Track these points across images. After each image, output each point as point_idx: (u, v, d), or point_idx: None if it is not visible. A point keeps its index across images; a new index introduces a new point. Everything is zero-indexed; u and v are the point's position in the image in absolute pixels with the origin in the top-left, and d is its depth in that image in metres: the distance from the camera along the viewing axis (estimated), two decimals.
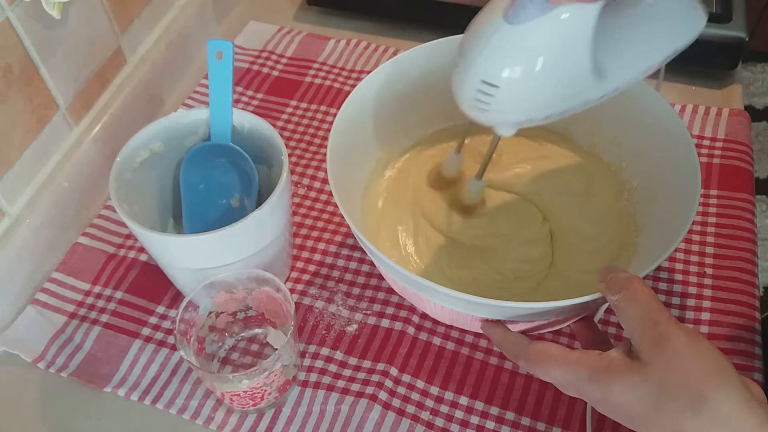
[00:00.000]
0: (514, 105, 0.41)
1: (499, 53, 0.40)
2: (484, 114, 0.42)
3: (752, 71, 1.85)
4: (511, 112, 0.42)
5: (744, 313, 0.55)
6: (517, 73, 0.40)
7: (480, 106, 0.42)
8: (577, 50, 0.39)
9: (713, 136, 0.66)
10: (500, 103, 0.41)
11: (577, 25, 0.38)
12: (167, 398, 0.53)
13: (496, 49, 0.40)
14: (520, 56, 0.39)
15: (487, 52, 0.40)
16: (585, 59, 0.40)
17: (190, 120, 0.56)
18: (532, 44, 0.39)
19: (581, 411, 0.51)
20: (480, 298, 0.41)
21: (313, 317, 0.57)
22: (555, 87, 0.40)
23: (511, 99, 0.41)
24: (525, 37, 0.39)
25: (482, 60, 0.40)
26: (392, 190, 0.58)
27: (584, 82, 0.41)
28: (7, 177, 0.56)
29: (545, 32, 0.38)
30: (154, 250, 0.52)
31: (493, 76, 0.40)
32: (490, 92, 0.41)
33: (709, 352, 0.35)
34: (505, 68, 0.40)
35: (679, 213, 0.46)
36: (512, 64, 0.40)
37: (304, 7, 0.83)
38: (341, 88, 0.74)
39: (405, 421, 0.51)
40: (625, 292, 0.38)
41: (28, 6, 0.53)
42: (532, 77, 0.40)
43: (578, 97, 0.42)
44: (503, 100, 0.41)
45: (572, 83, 0.41)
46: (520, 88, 0.40)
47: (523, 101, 0.41)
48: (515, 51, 0.39)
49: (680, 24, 0.42)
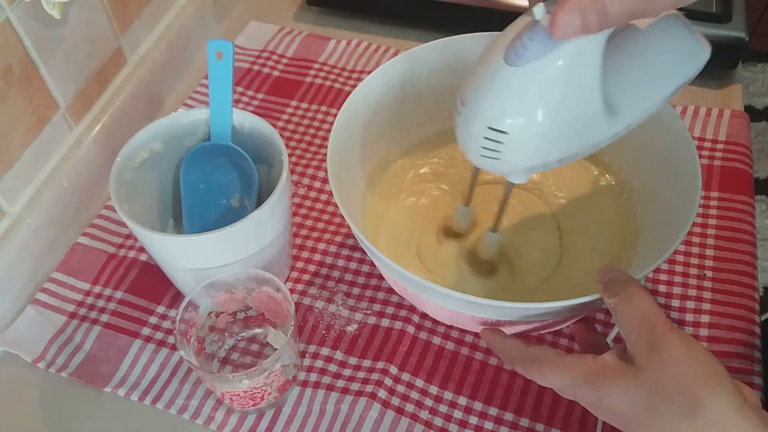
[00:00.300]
0: (525, 150, 0.39)
1: (503, 98, 0.38)
2: (494, 163, 0.40)
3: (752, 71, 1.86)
4: (523, 158, 0.40)
5: (743, 316, 0.55)
6: (526, 117, 0.38)
7: (489, 155, 0.40)
8: (586, 87, 0.37)
9: (714, 138, 0.66)
10: (510, 149, 0.39)
11: (584, 60, 0.36)
12: (167, 398, 0.53)
13: (500, 93, 0.38)
14: (526, 99, 0.37)
15: (491, 97, 0.38)
16: (595, 95, 0.38)
17: (190, 120, 0.56)
18: (538, 86, 0.37)
19: (580, 412, 0.51)
20: (480, 299, 0.41)
21: (313, 317, 0.57)
22: (568, 128, 0.38)
23: (521, 144, 0.39)
24: (530, 79, 0.37)
25: (487, 106, 0.38)
26: (392, 191, 0.58)
27: (596, 121, 0.39)
28: (7, 177, 0.56)
29: (551, 71, 0.36)
30: (154, 250, 0.52)
31: (500, 122, 0.38)
32: (499, 139, 0.39)
33: (703, 357, 0.35)
34: (513, 113, 0.38)
35: (680, 214, 0.46)
36: (519, 107, 0.38)
37: (305, 7, 0.83)
38: (342, 88, 0.74)
39: (404, 420, 0.51)
40: (623, 295, 0.38)
41: (28, 6, 0.53)
42: (542, 120, 0.38)
43: (591, 137, 0.40)
44: (513, 146, 0.39)
45: (584, 122, 0.39)
46: (530, 133, 0.38)
47: (535, 146, 0.39)
48: (521, 94, 0.37)
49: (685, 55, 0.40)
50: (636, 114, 0.40)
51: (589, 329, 0.47)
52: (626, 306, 0.38)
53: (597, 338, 0.46)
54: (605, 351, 0.39)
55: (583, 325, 0.47)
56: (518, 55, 0.36)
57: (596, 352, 0.39)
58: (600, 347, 0.45)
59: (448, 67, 0.56)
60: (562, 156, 0.40)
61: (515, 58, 0.36)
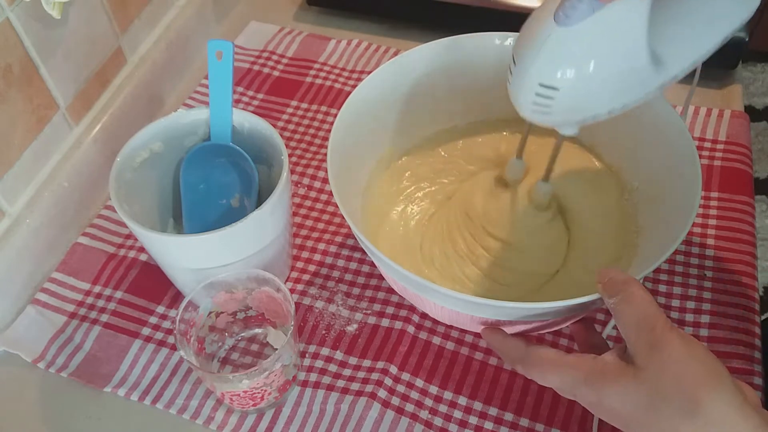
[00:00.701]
0: (575, 105, 0.41)
1: (554, 56, 0.39)
2: (546, 117, 0.42)
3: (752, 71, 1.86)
4: (573, 111, 0.42)
5: (743, 317, 0.55)
6: (575, 74, 0.39)
7: (541, 109, 0.42)
8: (633, 43, 0.39)
9: (714, 138, 0.66)
10: (561, 104, 0.41)
11: (630, 17, 0.38)
12: (167, 398, 0.53)
13: (550, 52, 0.39)
14: (576, 57, 0.39)
15: (542, 56, 0.40)
16: (642, 51, 0.39)
17: (190, 120, 0.56)
18: (586, 44, 0.39)
19: (580, 412, 0.51)
20: (480, 299, 0.41)
21: (313, 317, 0.57)
22: (614, 82, 0.40)
23: (571, 99, 0.41)
24: (579, 38, 0.38)
25: (539, 64, 0.40)
26: (392, 190, 0.58)
27: (643, 73, 0.40)
28: (7, 177, 0.56)
29: (599, 30, 0.38)
30: (154, 250, 0.52)
31: (551, 78, 0.40)
32: (550, 95, 0.40)
33: (704, 356, 0.35)
34: (563, 70, 0.40)
35: (680, 214, 0.46)
36: (569, 65, 0.39)
37: (305, 7, 0.83)
38: (342, 88, 0.74)
39: (404, 419, 0.51)
40: (623, 295, 0.38)
41: (28, 6, 0.53)
42: (590, 76, 0.39)
43: (638, 89, 0.41)
44: (564, 101, 0.41)
45: (631, 75, 0.40)
46: (579, 88, 0.40)
47: (584, 100, 0.41)
48: (571, 52, 0.39)
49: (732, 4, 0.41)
50: (684, 64, 0.42)
51: (589, 329, 0.47)
52: (626, 306, 0.38)
53: (597, 338, 0.46)
54: (605, 351, 0.39)
55: (582, 325, 0.47)
56: (567, 15, 0.38)
57: (596, 352, 0.40)
58: (600, 347, 0.45)
59: (448, 67, 0.56)
60: (610, 108, 0.42)
61: (565, 18, 0.38)
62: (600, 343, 0.46)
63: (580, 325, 0.47)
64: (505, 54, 0.55)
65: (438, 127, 0.60)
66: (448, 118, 0.60)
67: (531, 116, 0.43)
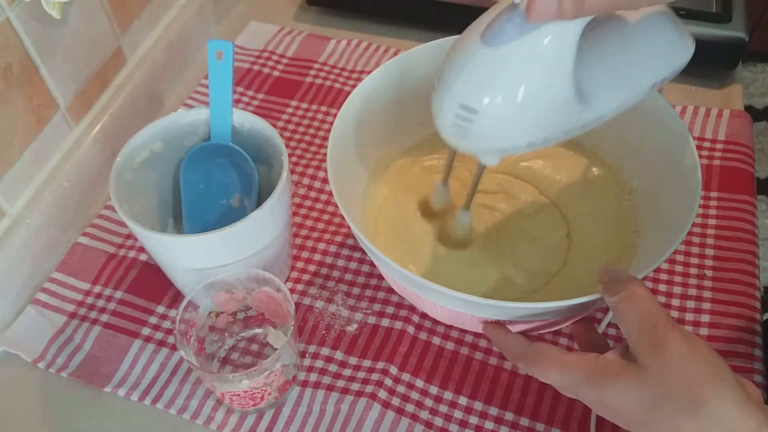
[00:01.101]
0: (494, 131, 0.39)
1: (476, 76, 0.38)
2: (464, 141, 0.41)
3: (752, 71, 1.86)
4: (492, 138, 0.40)
5: (744, 315, 0.55)
6: (497, 97, 0.38)
7: (460, 132, 0.40)
8: (559, 73, 0.38)
9: (713, 137, 0.66)
10: (480, 129, 0.39)
11: (557, 46, 0.36)
12: (167, 398, 0.53)
13: (473, 71, 0.38)
14: (498, 79, 0.38)
15: (464, 75, 0.38)
16: (567, 83, 0.38)
17: (190, 120, 0.56)
18: (511, 67, 0.37)
19: (580, 412, 0.51)
20: (479, 298, 0.41)
21: (313, 317, 0.57)
22: (537, 112, 0.39)
23: (491, 124, 0.39)
24: (503, 60, 0.37)
25: (460, 83, 0.38)
26: (392, 190, 0.58)
27: (568, 108, 0.39)
28: (7, 177, 0.56)
29: (524, 54, 0.36)
30: (154, 250, 0.52)
31: (471, 99, 0.38)
32: (470, 117, 0.39)
33: (706, 354, 0.35)
34: (484, 91, 0.38)
35: (679, 214, 0.46)
36: (491, 87, 0.38)
37: (305, 7, 0.83)
38: (342, 88, 0.74)
39: (404, 420, 0.51)
40: (623, 294, 0.38)
41: (28, 6, 0.53)
42: (512, 101, 0.38)
43: (562, 124, 0.40)
44: (483, 125, 0.39)
45: (555, 109, 0.39)
46: (499, 113, 0.38)
47: (504, 127, 0.39)
48: (494, 74, 0.38)
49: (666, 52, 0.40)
50: (610, 106, 0.41)
51: (589, 329, 0.47)
52: (627, 305, 0.38)
53: (597, 338, 0.46)
54: (606, 350, 0.39)
55: (582, 324, 0.47)
56: (494, 36, 0.37)
57: (597, 352, 0.39)
58: (600, 346, 0.45)
59: None
60: (531, 140, 0.40)
61: (491, 38, 0.37)
62: (600, 342, 0.46)
63: (580, 324, 0.47)
64: None
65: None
66: None
67: (450, 139, 0.41)
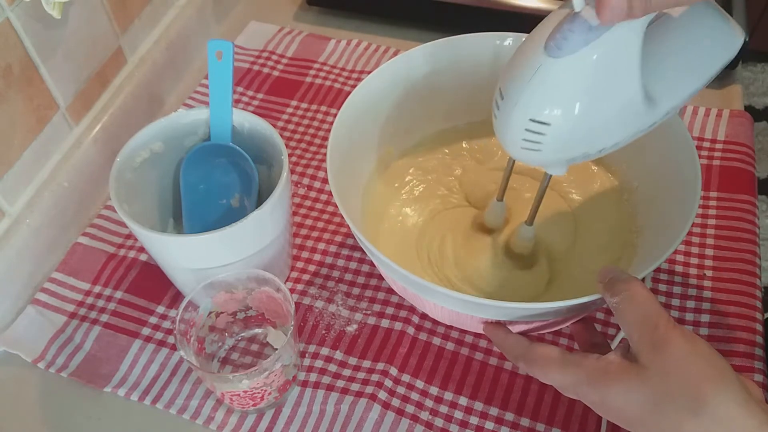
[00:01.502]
0: (567, 142, 0.39)
1: (545, 89, 0.37)
2: (536, 155, 0.40)
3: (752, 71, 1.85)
4: (564, 149, 0.40)
5: (744, 315, 0.55)
6: (567, 108, 0.38)
7: (531, 146, 0.39)
8: (627, 77, 0.37)
9: (713, 137, 0.66)
10: (552, 141, 0.39)
11: (623, 50, 0.36)
12: (167, 398, 0.53)
13: (541, 85, 0.37)
14: (568, 90, 0.37)
15: (532, 89, 0.38)
16: (635, 86, 0.38)
17: (190, 120, 0.56)
18: (579, 76, 0.37)
19: (581, 412, 0.51)
20: (479, 299, 0.41)
21: (313, 317, 0.57)
22: (608, 118, 0.38)
23: (563, 136, 0.39)
24: (571, 70, 0.36)
25: (528, 98, 0.38)
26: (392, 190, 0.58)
27: (636, 111, 0.39)
28: (7, 177, 0.56)
29: (591, 62, 0.36)
30: (154, 250, 0.52)
31: (542, 113, 0.38)
32: (541, 131, 0.38)
33: (707, 354, 0.35)
34: (554, 104, 0.38)
35: (679, 214, 0.46)
36: (561, 98, 0.37)
37: (305, 7, 0.83)
38: (341, 88, 0.74)
39: (404, 420, 0.51)
40: (624, 294, 0.38)
41: (28, 6, 0.53)
42: (583, 111, 0.38)
43: (631, 126, 0.40)
44: (555, 137, 0.38)
45: (625, 112, 0.39)
46: (571, 123, 0.38)
47: (576, 137, 0.39)
48: (562, 85, 0.37)
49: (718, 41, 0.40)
50: (675, 102, 0.40)
51: (589, 329, 0.47)
52: (628, 305, 0.38)
53: (597, 338, 0.46)
54: (606, 350, 0.39)
55: (582, 325, 0.47)
56: (559, 47, 0.36)
57: (597, 352, 0.39)
58: (601, 346, 0.45)
59: (448, 67, 0.56)
60: (602, 146, 0.40)
61: (556, 49, 0.36)
62: (601, 342, 0.46)
63: (580, 324, 0.47)
64: (505, 54, 0.56)
65: (438, 127, 0.60)
66: (448, 118, 0.60)
67: (519, 154, 0.41)
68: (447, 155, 0.60)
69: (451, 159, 0.60)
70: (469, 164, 0.59)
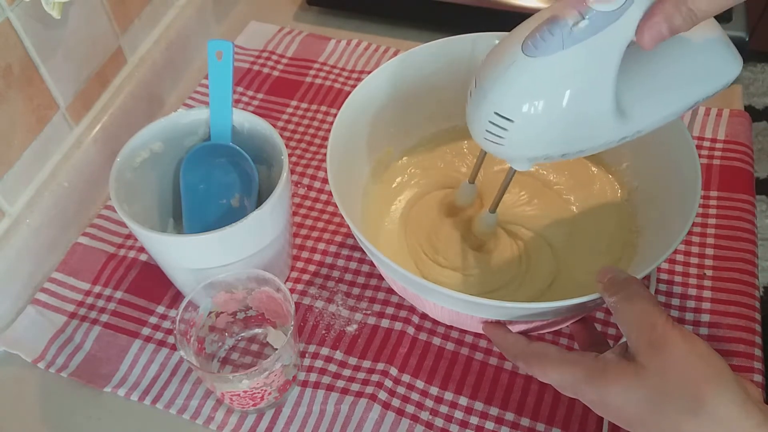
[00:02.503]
0: (528, 140, 0.39)
1: (515, 86, 0.38)
2: (497, 148, 0.40)
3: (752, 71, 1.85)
4: (525, 147, 0.40)
5: (744, 315, 0.55)
6: (533, 108, 0.38)
7: (493, 139, 0.40)
8: (600, 87, 0.37)
9: (713, 137, 0.66)
10: (514, 137, 0.39)
11: (601, 60, 0.36)
12: (167, 398, 0.53)
13: (512, 81, 0.37)
14: (537, 90, 0.37)
15: (501, 83, 0.38)
16: (607, 98, 0.37)
17: (190, 120, 0.56)
18: (551, 79, 0.37)
19: (581, 412, 0.51)
20: (479, 299, 0.41)
21: (313, 317, 0.57)
22: (573, 125, 0.38)
23: (525, 134, 0.39)
24: (543, 71, 0.37)
25: (497, 92, 0.38)
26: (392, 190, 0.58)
27: (605, 122, 0.39)
28: (7, 177, 0.56)
29: (566, 67, 0.36)
30: (154, 250, 0.52)
31: (507, 109, 0.38)
32: (504, 126, 0.39)
33: (706, 354, 0.35)
34: (521, 102, 0.38)
35: (679, 214, 0.46)
36: (528, 98, 0.38)
37: (305, 7, 0.83)
38: (341, 88, 0.74)
39: (404, 420, 0.51)
40: (623, 294, 0.38)
41: (28, 6, 0.53)
42: (548, 113, 0.38)
43: (598, 138, 0.40)
44: (517, 134, 0.39)
45: (592, 122, 0.38)
46: (535, 124, 0.38)
47: (538, 137, 0.39)
48: (532, 84, 0.37)
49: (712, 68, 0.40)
50: (648, 122, 0.40)
51: (589, 329, 0.47)
52: (627, 305, 0.38)
53: (597, 337, 0.46)
54: (605, 350, 0.39)
55: (582, 324, 0.47)
56: (536, 46, 0.36)
57: (597, 351, 0.39)
58: (600, 346, 0.45)
59: (448, 67, 0.56)
60: (565, 151, 0.40)
61: (533, 48, 0.36)
62: (600, 342, 0.46)
63: (580, 324, 0.47)
64: None
65: (438, 127, 0.60)
66: (448, 118, 0.60)
67: (483, 144, 0.41)
68: (447, 155, 0.60)
69: (451, 159, 0.60)
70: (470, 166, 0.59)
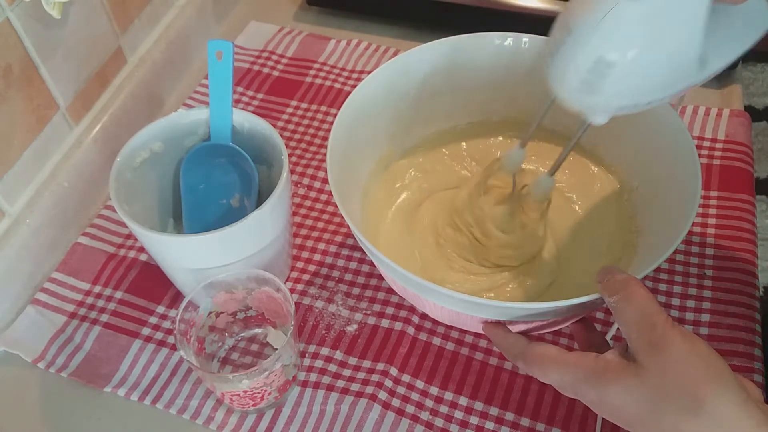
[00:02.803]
0: (624, 86, 0.39)
1: (617, 30, 0.37)
2: (590, 98, 0.40)
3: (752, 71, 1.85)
4: (621, 94, 0.39)
5: (744, 314, 0.55)
6: (635, 52, 0.37)
7: (588, 88, 0.39)
8: (692, 32, 0.38)
9: (713, 137, 0.66)
10: (613, 84, 0.38)
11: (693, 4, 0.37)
12: (167, 398, 0.53)
13: (615, 25, 0.37)
14: (639, 35, 0.37)
15: (604, 27, 0.37)
16: (696, 42, 0.38)
17: (190, 120, 0.56)
18: (652, 23, 0.37)
19: (581, 411, 0.51)
20: (479, 299, 0.41)
21: (313, 317, 0.57)
22: (666, 71, 0.39)
23: (623, 80, 0.38)
24: (646, 15, 0.36)
25: (599, 36, 0.37)
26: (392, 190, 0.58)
27: (689, 68, 0.39)
28: (7, 177, 0.56)
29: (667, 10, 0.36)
30: (154, 250, 0.52)
31: (611, 53, 0.37)
32: (604, 72, 0.38)
33: (706, 354, 0.35)
34: (624, 46, 0.37)
35: (679, 214, 0.46)
36: (631, 41, 0.37)
37: (305, 7, 0.83)
38: (341, 88, 0.74)
39: (404, 421, 0.51)
40: (623, 294, 0.38)
41: (28, 6, 0.53)
42: (648, 57, 0.38)
43: (678, 84, 0.40)
44: (617, 80, 0.38)
45: (680, 68, 0.39)
46: (635, 68, 0.38)
47: (635, 83, 0.39)
48: (634, 29, 0.37)
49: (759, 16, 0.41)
50: (721, 64, 0.41)
51: (589, 329, 0.47)
52: (626, 304, 0.38)
53: (597, 337, 0.46)
54: (605, 350, 0.39)
55: (582, 324, 0.47)
56: None
57: (597, 351, 0.39)
58: (600, 346, 0.45)
59: (448, 67, 0.56)
60: (652, 99, 0.40)
61: None
62: (600, 342, 0.46)
63: (580, 324, 0.47)
64: (505, 54, 0.55)
65: (438, 127, 0.60)
66: (448, 118, 0.60)
67: (573, 95, 0.40)
68: (447, 155, 0.60)
69: (450, 159, 0.60)
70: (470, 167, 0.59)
